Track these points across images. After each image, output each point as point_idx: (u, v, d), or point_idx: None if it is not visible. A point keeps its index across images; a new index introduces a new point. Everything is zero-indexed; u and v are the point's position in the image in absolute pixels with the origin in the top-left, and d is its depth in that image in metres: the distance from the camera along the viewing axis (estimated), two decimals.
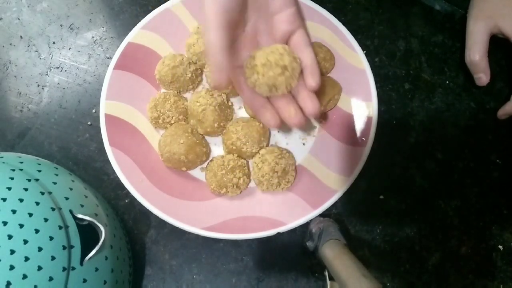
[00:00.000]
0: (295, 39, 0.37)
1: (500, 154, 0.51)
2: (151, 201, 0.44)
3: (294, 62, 0.36)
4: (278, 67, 0.35)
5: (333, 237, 0.42)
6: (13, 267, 0.30)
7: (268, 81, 0.35)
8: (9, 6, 0.55)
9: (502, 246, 0.48)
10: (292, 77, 0.36)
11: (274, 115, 0.38)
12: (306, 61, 0.37)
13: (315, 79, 0.36)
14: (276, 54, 0.35)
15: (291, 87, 0.37)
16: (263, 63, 0.35)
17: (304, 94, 0.37)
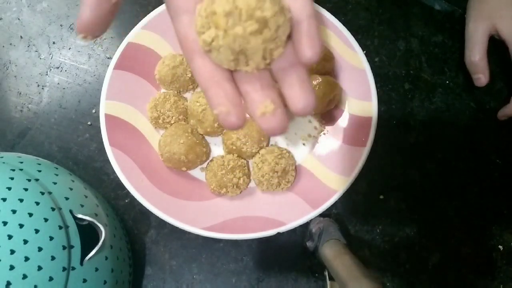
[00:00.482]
0: None
1: (500, 154, 0.51)
2: (151, 201, 0.44)
3: (281, 15, 0.21)
4: (253, 20, 0.20)
5: (333, 237, 0.42)
6: (13, 267, 0.30)
7: (234, 43, 0.21)
8: (9, 6, 0.55)
9: (502, 246, 0.48)
10: (276, 40, 0.21)
11: (236, 106, 0.22)
12: (301, 13, 0.21)
13: (314, 45, 0.21)
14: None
15: (271, 58, 0.22)
16: (227, 11, 0.20)
17: (293, 74, 0.22)
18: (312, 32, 0.21)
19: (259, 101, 0.22)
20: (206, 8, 0.21)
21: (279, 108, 0.22)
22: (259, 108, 0.22)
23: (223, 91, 0.22)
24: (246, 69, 0.22)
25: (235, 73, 0.23)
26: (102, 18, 0.20)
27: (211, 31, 0.21)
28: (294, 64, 0.22)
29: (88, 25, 0.19)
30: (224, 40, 0.20)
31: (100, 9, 0.19)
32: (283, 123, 0.22)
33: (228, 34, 0.20)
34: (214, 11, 0.20)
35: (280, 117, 0.22)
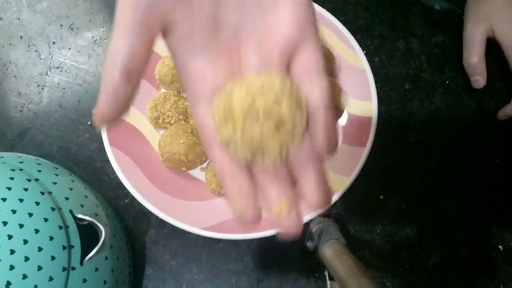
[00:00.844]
0: (303, 59, 0.21)
1: (500, 154, 0.51)
2: (151, 201, 0.44)
3: (298, 111, 0.21)
4: (270, 120, 0.20)
5: (333, 237, 0.42)
6: (13, 267, 0.30)
7: (251, 142, 0.20)
8: (9, 6, 0.55)
9: (502, 246, 0.48)
10: (293, 137, 0.21)
11: (251, 202, 0.22)
12: (318, 104, 0.21)
13: (331, 138, 0.21)
14: (269, 94, 0.20)
15: (288, 153, 0.22)
16: (245, 110, 0.20)
17: (309, 168, 0.22)
18: (329, 125, 0.21)
19: (274, 197, 0.22)
20: (224, 103, 0.21)
21: (294, 208, 0.22)
22: (274, 207, 0.22)
23: (239, 185, 0.22)
24: (263, 163, 0.22)
25: (252, 165, 0.22)
26: (119, 110, 0.20)
27: (229, 128, 0.21)
28: (310, 156, 0.22)
29: (106, 117, 0.20)
30: (241, 139, 0.20)
31: (118, 102, 0.20)
32: (297, 225, 0.22)
33: (245, 134, 0.20)
34: (232, 108, 0.20)
35: (295, 219, 0.22)
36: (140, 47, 0.20)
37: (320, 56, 0.22)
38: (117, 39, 0.20)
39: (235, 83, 0.21)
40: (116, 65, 0.19)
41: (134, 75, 0.20)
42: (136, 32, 0.20)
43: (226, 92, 0.21)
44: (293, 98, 0.20)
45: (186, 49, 0.22)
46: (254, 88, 0.20)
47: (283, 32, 0.21)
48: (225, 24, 0.22)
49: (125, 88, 0.19)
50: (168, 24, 0.21)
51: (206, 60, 0.22)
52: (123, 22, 0.20)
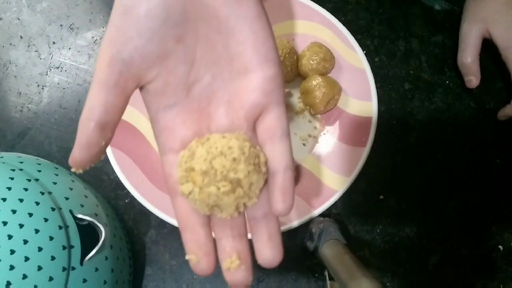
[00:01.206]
0: (268, 122, 0.23)
1: (500, 154, 0.51)
2: (151, 201, 0.44)
3: (255, 174, 0.22)
4: (227, 181, 0.22)
5: (333, 237, 0.42)
6: (13, 267, 0.30)
7: (208, 199, 0.22)
8: (9, 6, 0.55)
9: (502, 246, 0.48)
10: (249, 195, 0.23)
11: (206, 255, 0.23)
12: (278, 165, 0.23)
13: (286, 200, 0.22)
14: (228, 157, 0.22)
15: (245, 208, 0.23)
16: (204, 170, 0.22)
17: (263, 227, 0.23)
18: (286, 186, 0.22)
19: (227, 252, 0.23)
20: (186, 162, 0.22)
21: (244, 264, 0.23)
22: (225, 261, 0.23)
23: (196, 238, 0.23)
24: (221, 215, 0.23)
25: (211, 216, 0.24)
26: (92, 158, 0.21)
27: (189, 185, 0.22)
28: (266, 215, 0.23)
29: (80, 164, 0.21)
30: (199, 195, 0.22)
31: (90, 151, 0.21)
32: (245, 280, 0.23)
33: (203, 192, 0.22)
34: (192, 168, 0.22)
35: (243, 274, 0.23)
36: (115, 103, 0.21)
37: (284, 119, 0.23)
38: (94, 93, 0.21)
39: (199, 142, 0.23)
40: (91, 118, 0.20)
41: (108, 127, 0.21)
42: (112, 89, 0.21)
43: (190, 150, 0.23)
44: (251, 161, 0.22)
45: (159, 104, 0.23)
46: (214, 150, 0.22)
47: (250, 97, 0.23)
48: (198, 83, 0.23)
49: (98, 139, 0.21)
50: (142, 82, 0.22)
51: (176, 116, 0.23)
52: (100, 77, 0.21)
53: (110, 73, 0.21)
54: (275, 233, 0.23)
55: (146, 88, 0.23)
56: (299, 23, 0.50)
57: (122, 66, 0.21)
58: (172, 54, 0.22)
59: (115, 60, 0.21)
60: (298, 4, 0.49)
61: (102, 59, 0.21)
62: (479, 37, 0.50)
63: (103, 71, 0.21)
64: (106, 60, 0.21)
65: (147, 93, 0.23)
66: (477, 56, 0.50)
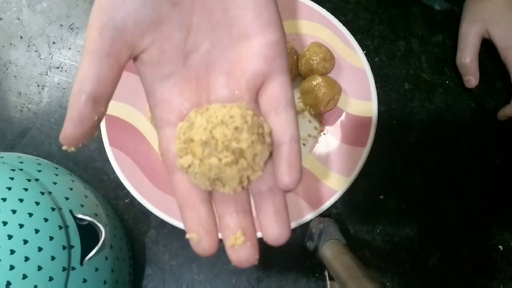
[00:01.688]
0: (271, 91, 0.22)
1: (500, 154, 0.51)
2: (151, 201, 0.44)
3: (259, 143, 0.21)
4: (229, 152, 0.20)
5: (333, 237, 0.42)
6: (13, 267, 0.30)
7: (209, 172, 0.21)
8: (9, 6, 0.55)
9: (502, 246, 0.48)
10: (253, 168, 0.21)
11: (208, 233, 0.21)
12: (283, 136, 0.21)
13: (293, 172, 0.21)
14: (229, 126, 0.20)
15: (249, 182, 0.22)
16: (204, 140, 0.20)
17: (269, 202, 0.22)
18: (292, 158, 0.21)
19: (231, 228, 0.22)
20: (185, 133, 0.21)
21: (250, 241, 0.21)
22: (229, 239, 0.21)
23: (197, 215, 0.21)
24: (223, 190, 0.22)
25: (213, 192, 0.22)
26: (85, 134, 0.20)
27: (188, 157, 0.21)
28: (272, 189, 0.22)
29: (71, 140, 0.20)
30: (199, 168, 0.21)
31: (82, 126, 0.19)
32: (251, 257, 0.21)
33: (203, 164, 0.20)
34: (191, 138, 0.21)
35: (249, 251, 0.21)
36: (108, 74, 0.20)
37: (288, 88, 0.22)
38: (85, 64, 0.19)
39: (198, 112, 0.21)
40: (82, 91, 0.19)
41: (100, 100, 0.20)
42: (104, 59, 0.20)
43: (188, 120, 0.21)
44: (254, 130, 0.21)
45: (154, 75, 0.21)
46: (214, 119, 0.21)
47: (251, 65, 0.21)
48: (195, 52, 0.22)
49: (91, 113, 0.19)
50: (136, 50, 0.21)
51: (173, 87, 0.22)
52: (91, 47, 0.20)
53: (102, 42, 0.19)
54: (281, 208, 0.22)
55: (140, 58, 0.21)
56: (299, 23, 0.50)
57: (114, 33, 0.20)
58: (168, 19, 0.21)
59: (107, 27, 0.19)
60: (298, 4, 0.49)
61: (93, 28, 0.20)
62: (478, 37, 0.50)
63: (94, 40, 0.20)
64: (97, 28, 0.20)
65: (142, 63, 0.21)
66: (476, 56, 0.50)
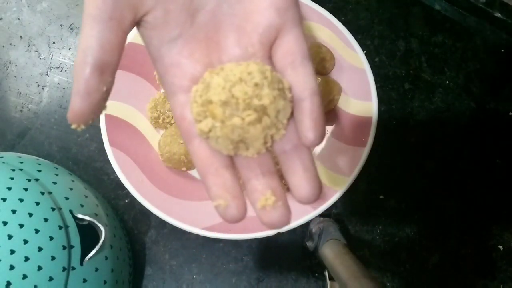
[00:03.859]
0: (286, 45, 0.20)
1: (500, 154, 0.51)
2: (151, 201, 0.44)
3: (281, 99, 0.20)
4: (251, 109, 0.19)
5: (333, 237, 0.42)
6: (13, 267, 0.30)
7: (232, 134, 0.19)
8: (9, 6, 0.55)
9: (502, 246, 0.48)
10: (277, 126, 0.20)
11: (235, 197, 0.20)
12: (303, 90, 0.20)
13: (317, 127, 0.20)
14: (249, 82, 0.19)
15: (273, 142, 0.21)
16: (224, 101, 0.19)
17: (296, 160, 0.21)
18: (315, 113, 0.20)
19: (259, 190, 0.20)
20: (202, 95, 0.20)
21: (280, 200, 0.20)
22: (259, 200, 0.20)
23: (221, 181, 0.20)
24: (247, 154, 0.21)
25: (235, 157, 0.21)
26: (94, 107, 0.18)
27: (208, 120, 0.20)
28: (297, 147, 0.21)
29: (80, 116, 0.18)
30: (221, 131, 0.19)
31: (91, 99, 0.18)
32: (284, 218, 0.20)
33: (225, 125, 0.19)
34: (210, 100, 0.19)
35: (281, 211, 0.20)
36: (112, 39, 0.19)
37: (303, 41, 0.20)
38: (86, 31, 0.18)
39: (213, 73, 0.20)
40: (87, 61, 0.18)
41: (107, 69, 0.19)
42: (107, 23, 0.18)
43: (203, 82, 0.20)
44: (275, 86, 0.19)
45: (161, 38, 0.20)
46: (232, 78, 0.19)
47: (263, 18, 0.20)
48: (202, 10, 0.20)
49: (98, 84, 0.18)
50: (140, 13, 0.19)
51: (182, 49, 0.21)
52: (92, 11, 0.18)
53: (103, 5, 0.18)
54: (310, 165, 0.20)
55: (144, 22, 0.20)
56: None
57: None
58: None
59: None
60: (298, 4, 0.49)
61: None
62: None
63: (95, 4, 0.18)
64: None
65: (146, 28, 0.20)
66: None
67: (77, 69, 0.18)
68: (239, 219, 0.20)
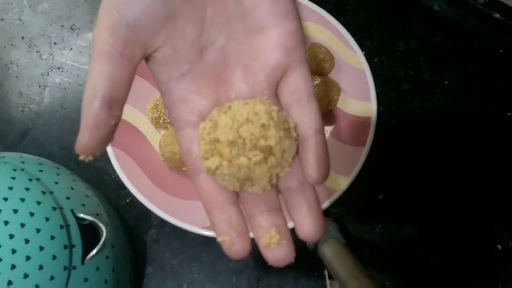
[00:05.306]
0: (293, 83, 0.21)
1: (499, 154, 0.51)
2: (152, 201, 0.44)
3: (286, 139, 0.20)
4: (257, 150, 0.20)
5: (333, 237, 0.42)
6: (14, 266, 0.30)
7: (239, 173, 0.20)
8: (10, 7, 0.55)
9: (500, 245, 0.48)
10: (282, 165, 0.21)
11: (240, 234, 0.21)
12: (308, 129, 0.21)
13: (321, 166, 0.20)
14: (256, 123, 0.20)
15: (277, 180, 0.21)
16: (231, 140, 0.20)
17: (301, 198, 0.21)
18: (320, 151, 0.20)
19: (264, 227, 0.21)
20: (210, 133, 0.20)
21: (285, 239, 0.21)
22: (263, 238, 0.21)
23: (227, 217, 0.21)
24: (252, 190, 0.21)
25: (240, 192, 0.21)
26: (102, 140, 0.18)
27: (215, 158, 0.20)
28: (302, 184, 0.21)
29: (88, 149, 0.18)
30: (228, 169, 0.20)
31: (100, 133, 0.18)
32: (288, 256, 0.20)
33: (232, 164, 0.20)
34: (217, 139, 0.20)
35: (285, 249, 0.20)
36: (121, 75, 0.19)
37: (309, 80, 0.21)
38: (97, 68, 0.18)
39: (221, 111, 0.20)
40: (96, 95, 0.18)
41: (115, 105, 0.19)
42: (118, 60, 0.19)
43: (211, 120, 0.20)
44: (281, 126, 0.20)
45: (170, 74, 0.21)
46: (239, 118, 0.20)
47: (271, 58, 0.20)
48: (210, 47, 0.21)
49: (107, 118, 0.18)
50: (150, 49, 0.20)
51: (191, 85, 0.21)
52: (102, 48, 0.18)
53: (114, 42, 0.18)
54: (314, 203, 0.21)
55: (154, 57, 0.20)
56: None
57: (127, 31, 0.18)
58: (180, 14, 0.20)
59: (119, 25, 0.18)
60: (297, 5, 0.49)
61: (103, 27, 0.18)
62: None
63: (105, 41, 0.18)
64: (108, 26, 0.18)
65: (156, 63, 0.21)
66: None
67: (86, 104, 0.18)
68: (244, 256, 0.21)
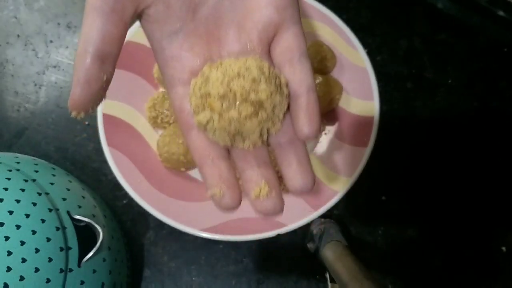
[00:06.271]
0: (285, 42, 0.21)
1: (504, 154, 0.51)
2: (150, 202, 0.43)
3: (277, 94, 0.21)
4: (248, 103, 0.20)
5: (335, 239, 0.42)
6: (10, 268, 0.30)
7: (229, 126, 0.20)
8: (6, 4, 0.54)
9: (505, 247, 0.48)
10: (273, 120, 0.21)
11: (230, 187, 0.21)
12: (300, 87, 0.21)
13: (312, 122, 0.21)
14: (247, 77, 0.20)
15: (268, 135, 0.22)
16: (222, 94, 0.20)
17: (291, 153, 0.22)
18: (311, 108, 0.21)
19: (254, 180, 0.22)
20: (201, 88, 0.21)
21: (274, 190, 0.21)
22: (253, 190, 0.21)
23: (217, 171, 0.21)
24: (243, 146, 0.22)
25: (231, 148, 0.22)
26: (93, 96, 0.19)
27: (206, 113, 0.21)
28: (292, 141, 0.22)
29: (80, 104, 0.19)
30: (219, 123, 0.20)
31: (91, 88, 0.19)
32: (277, 207, 0.21)
33: (223, 118, 0.20)
34: (208, 93, 0.20)
35: (275, 200, 0.21)
36: (113, 30, 0.19)
37: (302, 39, 0.21)
38: (88, 23, 0.19)
39: (212, 67, 0.21)
40: (88, 50, 0.19)
41: (107, 60, 0.19)
42: (108, 15, 0.19)
43: (202, 76, 0.21)
44: (272, 81, 0.20)
45: (163, 32, 0.21)
46: (230, 72, 0.20)
47: (262, 15, 0.21)
48: (203, 5, 0.21)
49: (98, 74, 0.19)
50: (142, 6, 0.20)
51: (183, 43, 0.21)
52: (94, 3, 0.19)
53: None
54: (304, 158, 0.22)
55: (146, 15, 0.21)
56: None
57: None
58: None
59: None
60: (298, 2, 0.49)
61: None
62: None
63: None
64: None
65: (148, 21, 0.21)
66: None
67: (78, 59, 0.19)
68: (234, 208, 0.21)
